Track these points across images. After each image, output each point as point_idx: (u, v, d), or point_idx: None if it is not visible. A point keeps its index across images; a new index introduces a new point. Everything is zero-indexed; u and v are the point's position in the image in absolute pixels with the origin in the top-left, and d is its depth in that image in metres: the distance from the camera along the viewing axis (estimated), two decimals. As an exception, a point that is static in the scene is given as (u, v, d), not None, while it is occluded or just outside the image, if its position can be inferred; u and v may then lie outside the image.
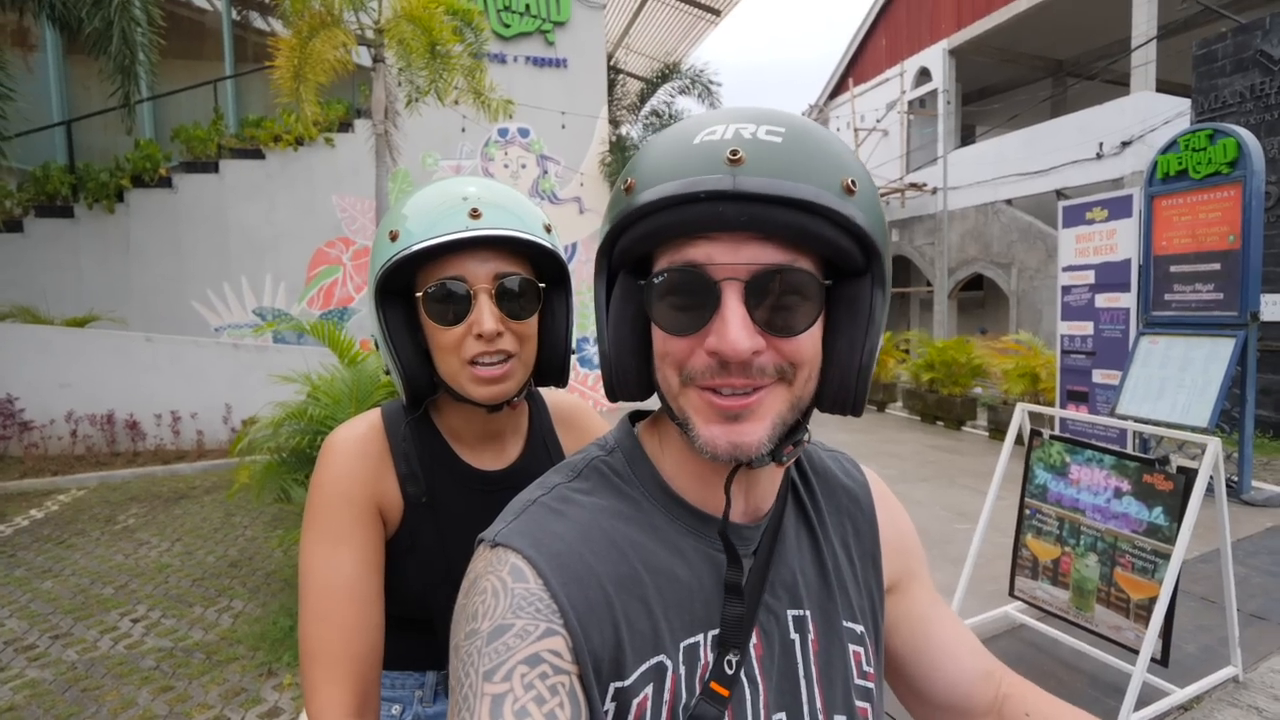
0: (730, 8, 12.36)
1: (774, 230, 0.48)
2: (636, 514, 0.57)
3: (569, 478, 0.59)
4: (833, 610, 0.62)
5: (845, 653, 0.61)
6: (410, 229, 0.81)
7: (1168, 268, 5.17)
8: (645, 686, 0.51)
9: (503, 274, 0.83)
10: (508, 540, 0.53)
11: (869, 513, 0.70)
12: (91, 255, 8.13)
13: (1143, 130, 10.77)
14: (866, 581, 0.67)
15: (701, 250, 0.49)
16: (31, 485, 6.11)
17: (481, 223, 0.80)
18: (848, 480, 0.71)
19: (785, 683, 0.58)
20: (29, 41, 9.03)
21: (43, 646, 3.21)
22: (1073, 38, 14.17)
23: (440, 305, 0.82)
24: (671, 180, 0.48)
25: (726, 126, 0.49)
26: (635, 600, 0.53)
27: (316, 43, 6.03)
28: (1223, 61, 7.04)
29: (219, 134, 8.78)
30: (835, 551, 0.65)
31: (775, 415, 0.51)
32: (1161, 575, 2.37)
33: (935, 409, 8.45)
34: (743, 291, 0.48)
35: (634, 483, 0.59)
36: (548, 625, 0.49)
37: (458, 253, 0.81)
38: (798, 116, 0.52)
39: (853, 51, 17.93)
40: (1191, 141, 4.99)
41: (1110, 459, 2.65)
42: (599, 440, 0.64)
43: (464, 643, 0.50)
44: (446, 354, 0.84)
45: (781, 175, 0.47)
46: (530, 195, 9.64)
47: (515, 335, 0.84)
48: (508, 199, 0.86)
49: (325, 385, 3.37)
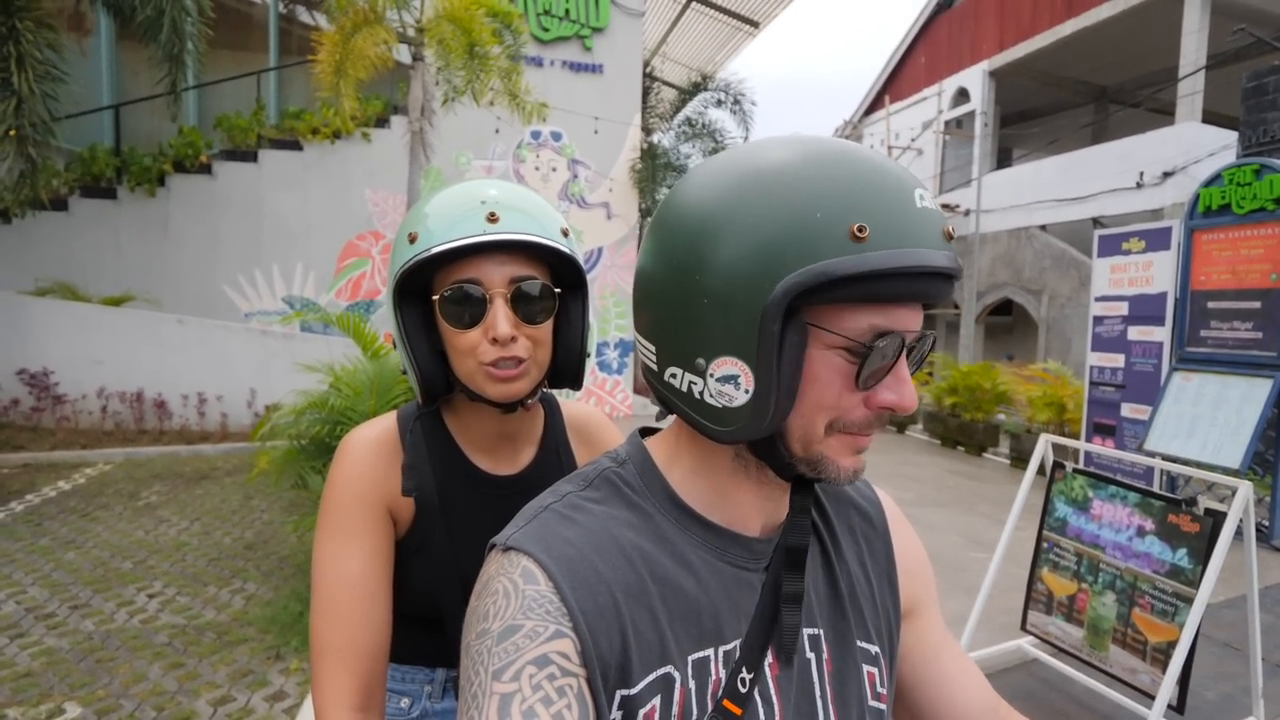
0: (769, 21, 12.37)
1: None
2: (646, 525, 0.57)
3: (580, 486, 0.60)
4: (846, 630, 0.61)
5: (859, 673, 0.60)
6: (429, 231, 0.81)
7: (1205, 303, 5.05)
8: (652, 698, 0.51)
9: (519, 278, 0.83)
10: (519, 544, 0.54)
11: (883, 532, 0.69)
12: (131, 236, 8.35)
13: (1186, 161, 10.54)
14: (883, 601, 0.66)
15: (899, 317, 0.50)
16: (61, 457, 6.28)
17: (499, 227, 0.80)
18: (859, 499, 0.70)
19: (803, 704, 0.57)
20: (84, 26, 9.31)
21: (62, 616, 3.29)
22: (1118, 64, 13.95)
23: (456, 308, 0.82)
24: (917, 248, 0.49)
25: (920, 193, 0.51)
26: (643, 609, 0.53)
27: (358, 39, 6.14)
28: (1273, 95, 6.85)
29: (259, 124, 8.98)
30: (850, 570, 0.65)
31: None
32: (1183, 619, 2.30)
33: (957, 433, 8.33)
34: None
35: (645, 494, 0.59)
36: (557, 627, 0.49)
37: (475, 256, 0.81)
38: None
39: (891, 68, 17.83)
40: (1237, 176, 4.87)
41: (1135, 496, 2.59)
42: (611, 452, 0.64)
43: (474, 642, 0.50)
44: (463, 356, 0.84)
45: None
46: (559, 199, 9.73)
47: (530, 339, 0.84)
48: (527, 203, 0.85)
49: (347, 376, 3.41)
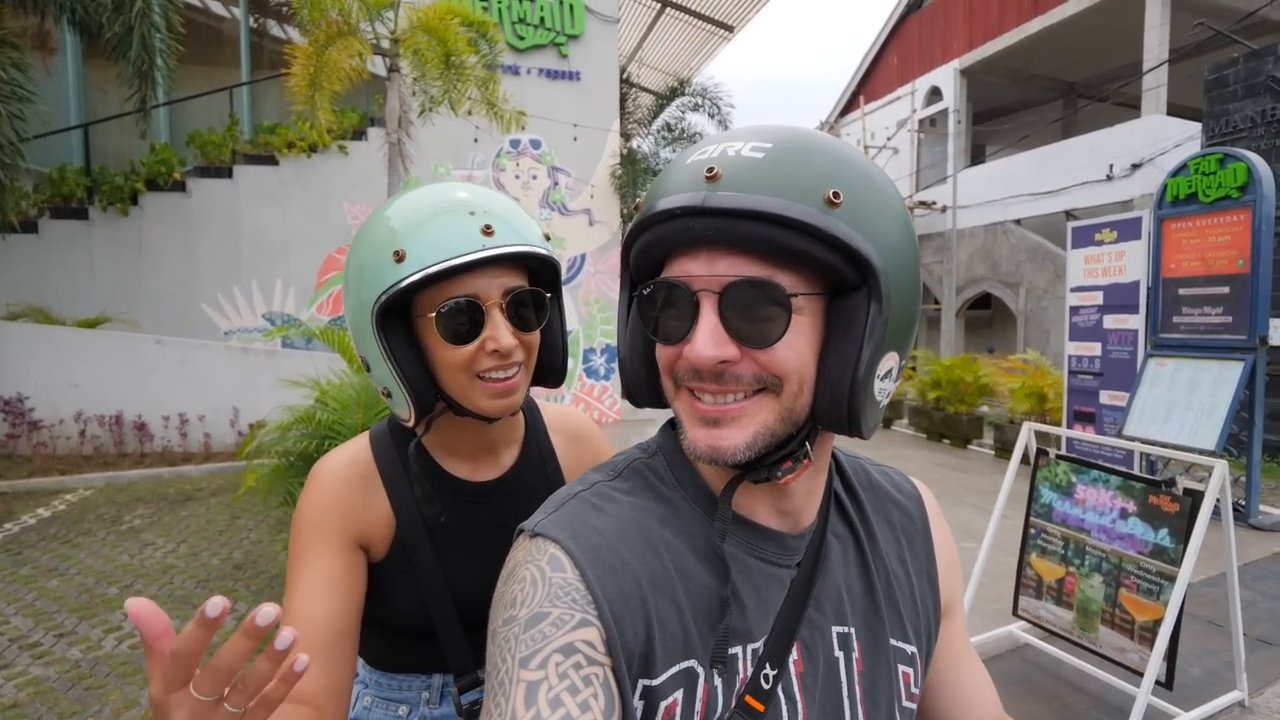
0: (744, 25, 12.48)
1: (743, 243, 0.49)
2: (673, 517, 0.57)
3: (609, 476, 0.60)
4: (880, 629, 0.60)
5: (891, 673, 0.59)
6: (420, 249, 0.78)
7: (1177, 290, 5.17)
8: (675, 690, 0.51)
9: (512, 289, 0.82)
10: (547, 531, 0.54)
11: (923, 527, 0.68)
12: (104, 257, 8.21)
13: (1153, 153, 10.79)
14: (923, 599, 0.65)
15: (681, 264, 0.52)
16: (40, 484, 6.14)
17: (495, 240, 0.79)
18: (898, 494, 0.69)
19: (829, 703, 0.56)
20: (49, 45, 9.18)
21: (47, 644, 3.23)
22: (1085, 60, 14.25)
23: (454, 324, 0.80)
24: (662, 198, 0.51)
25: (717, 145, 0.52)
26: (668, 600, 0.53)
27: (332, 51, 6.09)
28: (1234, 86, 7.06)
29: (234, 139, 8.87)
30: (888, 568, 0.63)
31: (760, 425, 0.51)
32: (1167, 597, 2.36)
33: (941, 427, 8.43)
34: (716, 303, 0.49)
35: (674, 486, 0.59)
36: (583, 615, 0.49)
37: (470, 271, 0.80)
38: (800, 131, 0.53)
39: (864, 69, 18.06)
40: (1202, 165, 5.00)
41: (1116, 480, 2.64)
42: (641, 443, 0.64)
43: (501, 628, 0.50)
44: (455, 371, 0.82)
45: (752, 190, 0.48)
46: (541, 206, 9.71)
47: (524, 346, 0.84)
48: (513, 213, 0.84)
49: (333, 390, 3.39)
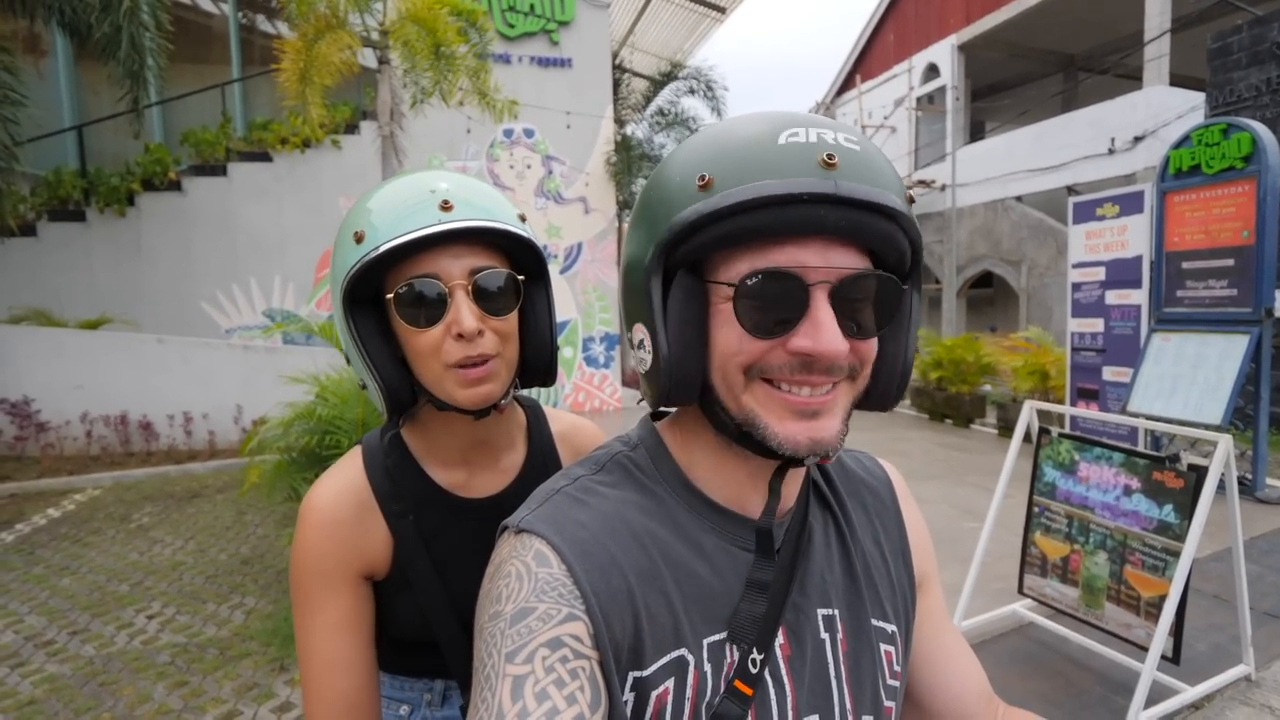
0: (736, 5, 12.32)
1: (867, 236, 0.49)
2: (658, 509, 0.57)
3: (592, 470, 0.59)
4: (861, 610, 0.61)
5: (875, 653, 0.60)
6: (376, 228, 0.75)
7: (1180, 264, 5.13)
8: (666, 680, 0.51)
9: (479, 269, 0.78)
10: (531, 526, 0.53)
11: (893, 508, 0.69)
12: (103, 258, 8.21)
13: (1156, 125, 10.67)
14: (899, 578, 0.65)
15: (788, 254, 0.49)
16: (49, 485, 6.19)
17: (453, 215, 0.75)
18: (869, 478, 0.70)
19: (817, 684, 0.57)
20: (40, 48, 9.13)
21: (61, 642, 3.26)
22: (1084, 32, 14.06)
23: (412, 307, 0.76)
24: (765, 180, 0.47)
25: (807, 130, 0.49)
26: (656, 592, 0.53)
27: (322, 45, 6.04)
28: (1238, 55, 6.95)
29: (227, 137, 8.83)
30: (865, 550, 0.64)
31: (844, 411, 0.53)
32: (1172, 573, 2.36)
33: (944, 407, 8.42)
34: (829, 293, 0.49)
35: (657, 478, 0.59)
36: (570, 610, 0.49)
37: (430, 249, 0.76)
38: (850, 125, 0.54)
39: (860, 48, 17.85)
40: (1205, 136, 4.93)
41: (1119, 456, 2.63)
42: (621, 436, 0.64)
43: (488, 624, 0.50)
44: (425, 359, 0.78)
45: (871, 182, 0.48)
46: (536, 195, 9.67)
47: (497, 334, 0.79)
48: (478, 192, 0.81)
49: (334, 385, 3.40)
